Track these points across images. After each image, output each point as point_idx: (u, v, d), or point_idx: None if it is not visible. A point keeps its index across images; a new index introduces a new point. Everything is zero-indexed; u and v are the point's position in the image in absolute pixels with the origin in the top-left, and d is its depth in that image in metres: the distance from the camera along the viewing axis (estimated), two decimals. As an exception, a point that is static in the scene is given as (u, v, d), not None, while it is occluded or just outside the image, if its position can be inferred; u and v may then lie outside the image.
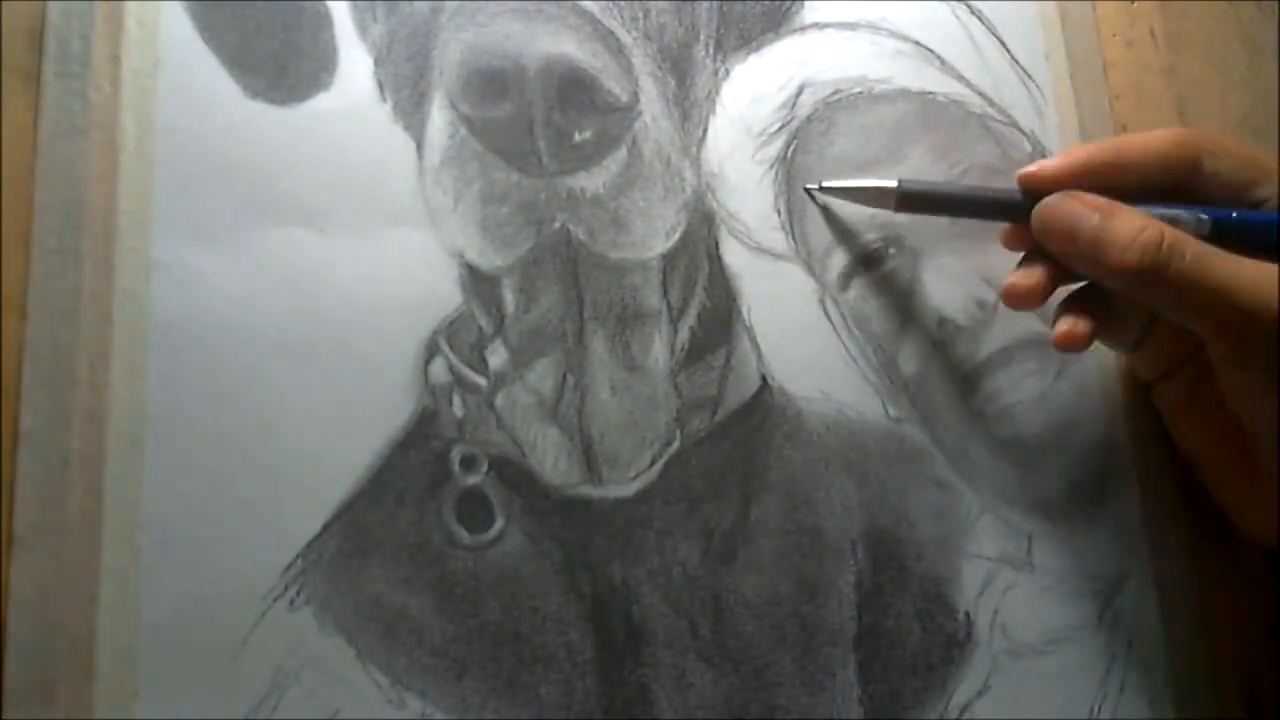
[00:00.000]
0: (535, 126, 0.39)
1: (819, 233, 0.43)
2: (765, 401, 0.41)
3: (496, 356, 0.39)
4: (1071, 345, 0.40)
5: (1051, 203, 0.40)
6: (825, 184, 0.43)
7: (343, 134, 0.39)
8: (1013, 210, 0.41)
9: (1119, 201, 0.39)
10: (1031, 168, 0.41)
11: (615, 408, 0.39)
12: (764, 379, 0.41)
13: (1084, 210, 0.39)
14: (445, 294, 0.39)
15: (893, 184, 0.41)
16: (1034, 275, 0.41)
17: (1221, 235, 0.39)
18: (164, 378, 0.35)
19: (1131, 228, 0.38)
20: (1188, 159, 0.41)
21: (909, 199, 0.41)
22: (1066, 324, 0.40)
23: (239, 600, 0.35)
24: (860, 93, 0.45)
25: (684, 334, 0.41)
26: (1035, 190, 0.40)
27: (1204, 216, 0.40)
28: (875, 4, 0.46)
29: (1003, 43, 0.47)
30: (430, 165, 0.39)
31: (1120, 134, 0.48)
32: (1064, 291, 0.42)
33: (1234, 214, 0.40)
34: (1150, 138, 0.42)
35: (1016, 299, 0.41)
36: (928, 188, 0.42)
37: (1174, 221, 0.39)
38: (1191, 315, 0.39)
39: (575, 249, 0.40)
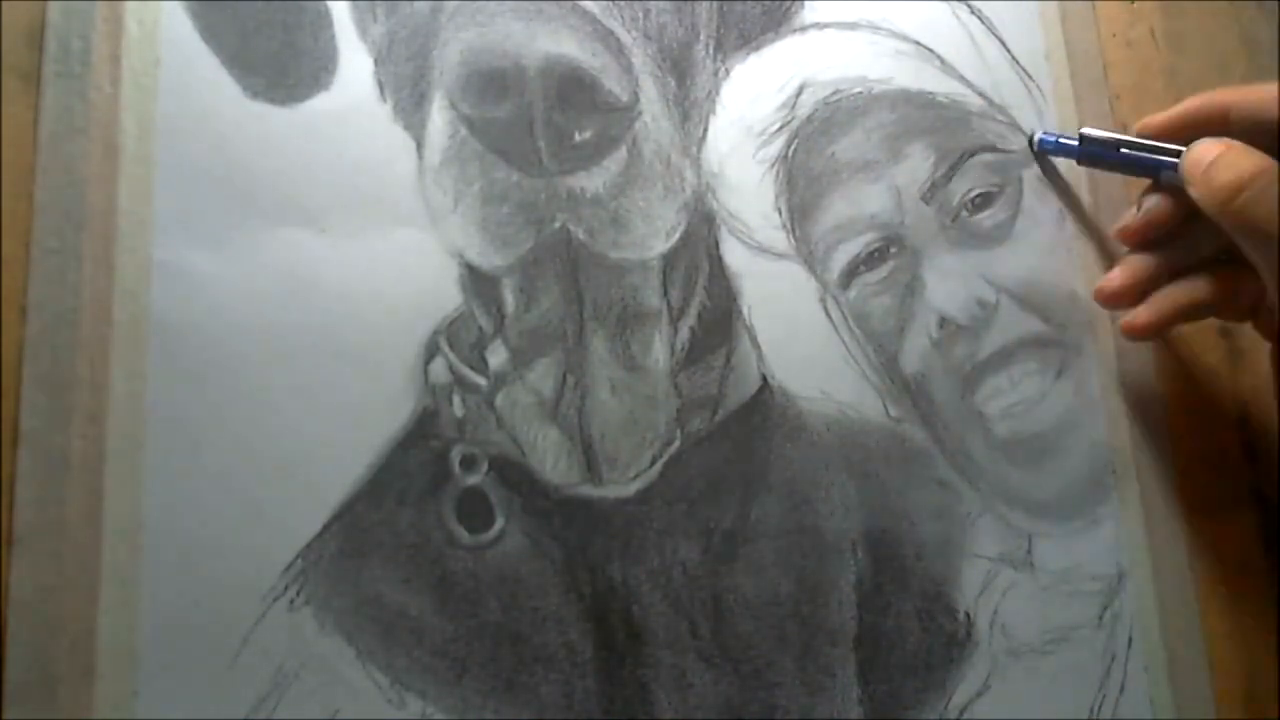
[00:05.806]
0: (535, 126, 0.39)
1: (819, 232, 0.43)
2: (765, 401, 0.41)
3: (496, 356, 0.39)
4: (1132, 334, 0.43)
5: (1199, 143, 0.41)
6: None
7: (343, 134, 0.39)
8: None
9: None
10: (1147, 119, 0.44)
11: (615, 408, 0.39)
12: (764, 379, 0.41)
13: (1217, 147, 0.40)
14: (445, 294, 0.39)
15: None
16: (1129, 273, 0.43)
17: None
18: (164, 378, 0.35)
19: (1240, 156, 0.39)
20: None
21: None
22: (1131, 313, 0.42)
23: (239, 600, 0.35)
24: (860, 92, 0.45)
25: (684, 334, 0.41)
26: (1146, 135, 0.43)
27: None
28: (875, 4, 0.46)
29: (1003, 42, 0.47)
30: (430, 165, 0.39)
31: (1121, 134, 0.48)
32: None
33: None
34: (1254, 93, 0.42)
35: (1106, 297, 0.43)
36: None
37: None
38: (1248, 250, 0.39)
39: (575, 249, 0.40)
